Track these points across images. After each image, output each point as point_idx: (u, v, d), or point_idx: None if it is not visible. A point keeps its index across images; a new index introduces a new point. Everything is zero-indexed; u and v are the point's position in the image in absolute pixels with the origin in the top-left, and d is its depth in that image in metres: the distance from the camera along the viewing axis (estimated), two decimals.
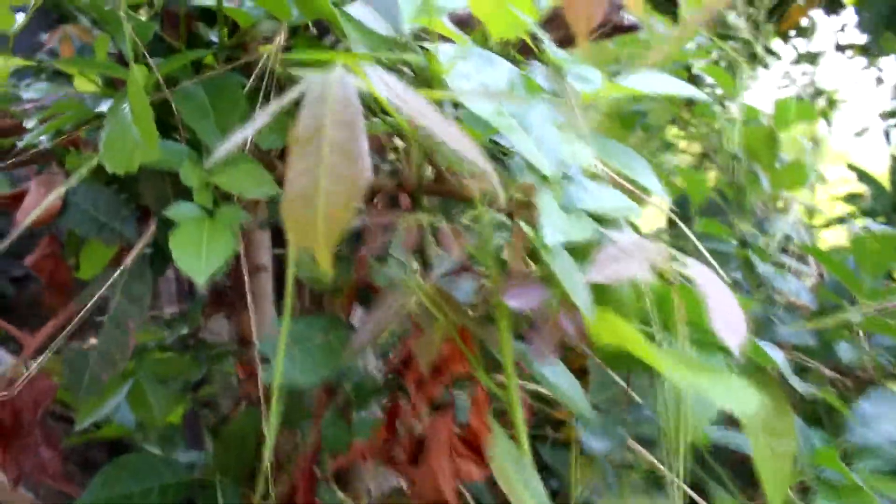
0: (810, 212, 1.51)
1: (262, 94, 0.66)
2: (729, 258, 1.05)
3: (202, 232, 0.54)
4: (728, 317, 0.35)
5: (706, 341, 0.45)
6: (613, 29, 1.23)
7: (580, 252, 0.45)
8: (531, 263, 0.49)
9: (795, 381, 0.55)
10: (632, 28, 1.20)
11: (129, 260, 0.66)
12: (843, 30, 2.88)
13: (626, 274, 0.38)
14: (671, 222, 1.15)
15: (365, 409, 0.63)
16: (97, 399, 0.79)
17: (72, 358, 0.66)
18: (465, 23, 0.58)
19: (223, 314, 0.86)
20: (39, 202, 0.66)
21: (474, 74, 0.48)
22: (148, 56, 0.66)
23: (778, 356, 0.50)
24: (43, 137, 0.73)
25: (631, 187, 0.61)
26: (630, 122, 1.56)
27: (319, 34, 0.70)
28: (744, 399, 0.33)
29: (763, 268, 0.97)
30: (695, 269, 0.39)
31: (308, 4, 0.63)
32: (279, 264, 0.83)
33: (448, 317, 0.52)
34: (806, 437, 0.71)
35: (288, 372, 0.50)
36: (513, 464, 0.46)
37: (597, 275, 0.39)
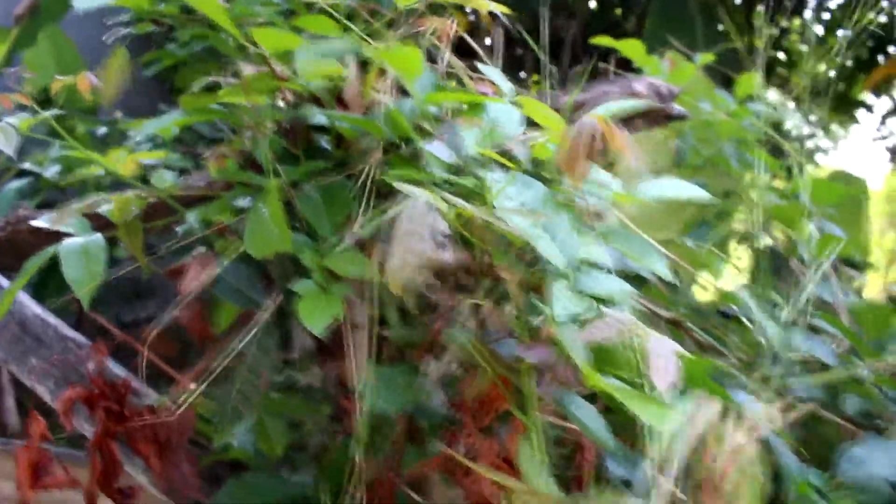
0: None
1: (364, 197, 0.89)
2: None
3: (320, 301, 0.76)
4: (663, 368, 0.53)
5: None
6: (664, 118, 1.39)
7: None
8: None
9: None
10: (680, 117, 1.37)
11: (261, 319, 0.89)
12: None
13: (601, 337, 0.56)
14: None
15: (434, 437, 0.82)
16: (229, 427, 1.01)
17: (219, 395, 0.89)
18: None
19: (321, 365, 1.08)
20: (198, 277, 0.90)
21: (516, 196, 0.68)
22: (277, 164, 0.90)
23: (740, 398, 0.68)
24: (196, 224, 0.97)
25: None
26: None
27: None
28: (660, 417, 0.51)
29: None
30: (651, 336, 0.57)
31: (398, 129, 0.85)
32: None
33: (494, 368, 0.71)
34: (801, 473, 0.87)
35: (377, 403, 0.71)
36: (533, 465, 0.64)
37: (585, 336, 0.58)
